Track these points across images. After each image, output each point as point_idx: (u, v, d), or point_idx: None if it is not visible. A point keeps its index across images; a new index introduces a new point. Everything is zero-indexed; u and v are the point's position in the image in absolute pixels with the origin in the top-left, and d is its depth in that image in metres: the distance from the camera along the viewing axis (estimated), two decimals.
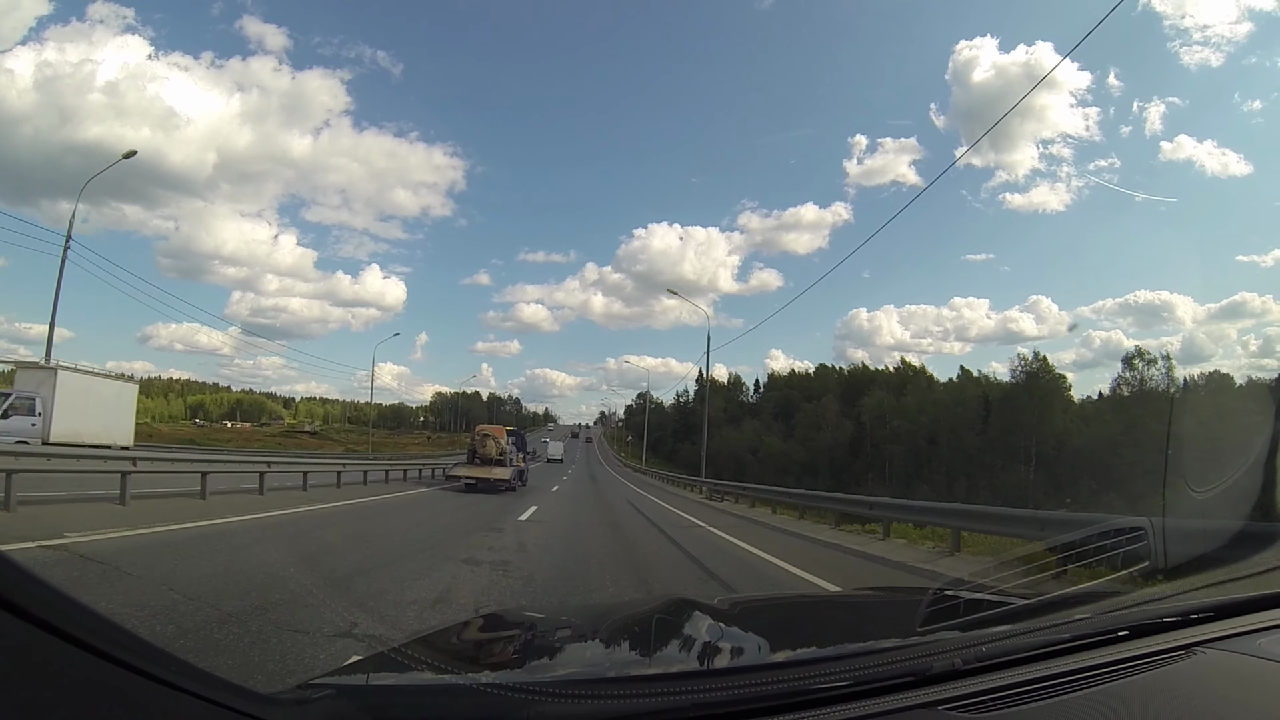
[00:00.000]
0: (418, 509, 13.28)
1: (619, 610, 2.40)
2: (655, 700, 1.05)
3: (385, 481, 19.73)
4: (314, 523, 9.42)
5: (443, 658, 1.44)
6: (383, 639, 3.43)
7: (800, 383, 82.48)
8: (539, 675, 1.40)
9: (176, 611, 3.80)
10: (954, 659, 1.15)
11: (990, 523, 8.29)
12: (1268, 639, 1.30)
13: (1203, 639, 1.31)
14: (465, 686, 1.20)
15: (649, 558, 8.20)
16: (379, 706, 1.04)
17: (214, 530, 7.52)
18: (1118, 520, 2.88)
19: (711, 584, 6.56)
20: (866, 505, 11.93)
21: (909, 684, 1.10)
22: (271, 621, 3.68)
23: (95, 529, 6.53)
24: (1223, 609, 1.45)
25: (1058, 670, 1.17)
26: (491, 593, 5.30)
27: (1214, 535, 4.25)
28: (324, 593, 4.65)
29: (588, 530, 10.87)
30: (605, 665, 1.53)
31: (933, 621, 1.32)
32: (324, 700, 0.99)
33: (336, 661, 2.98)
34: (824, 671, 1.16)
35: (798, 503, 15.30)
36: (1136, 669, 1.19)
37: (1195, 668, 1.22)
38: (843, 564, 8.31)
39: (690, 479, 31.29)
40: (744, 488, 21.47)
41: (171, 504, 9.55)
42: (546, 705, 1.00)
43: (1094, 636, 1.29)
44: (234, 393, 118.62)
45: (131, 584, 4.52)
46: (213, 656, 3.03)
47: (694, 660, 1.49)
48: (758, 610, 2.27)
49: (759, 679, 1.15)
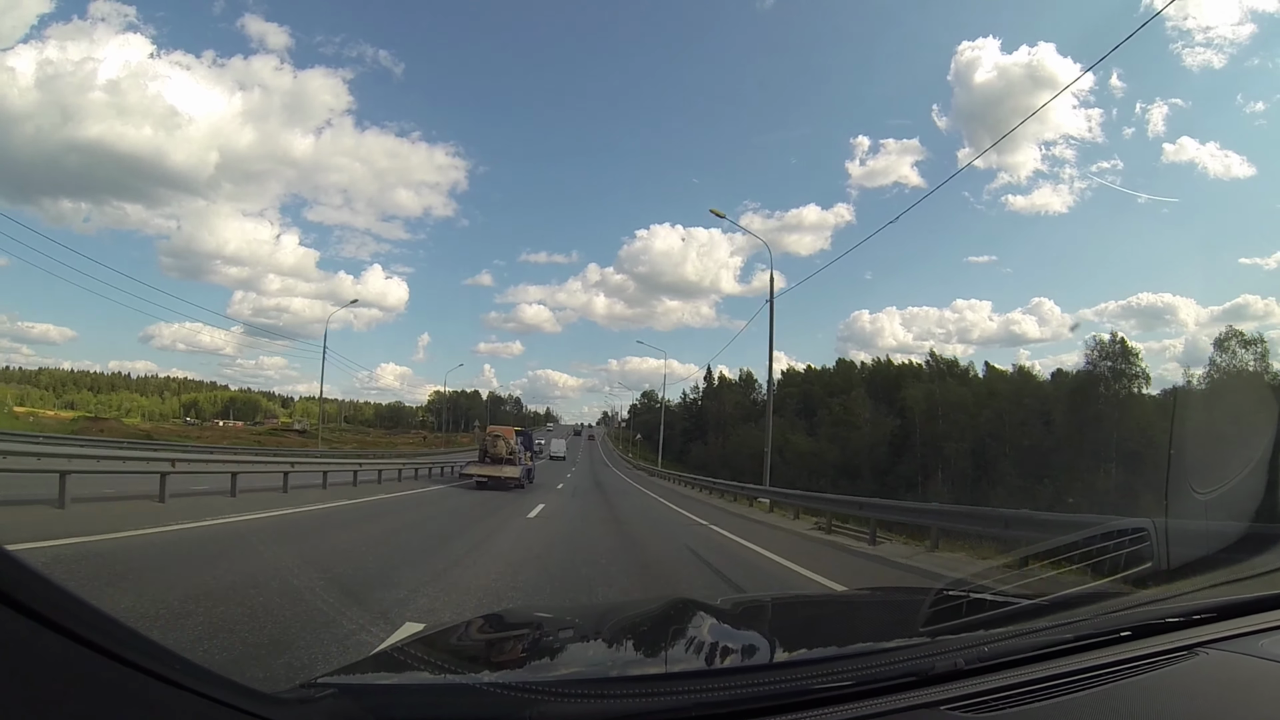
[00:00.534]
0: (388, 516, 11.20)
1: (621, 610, 2.40)
2: (658, 700, 1.05)
3: (378, 481, 18.41)
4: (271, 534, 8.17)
5: (445, 657, 1.44)
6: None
7: (819, 378, 77.87)
8: (541, 675, 1.40)
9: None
10: (957, 659, 1.15)
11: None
12: (1270, 640, 1.30)
13: (1205, 640, 1.30)
14: (468, 686, 1.20)
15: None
16: (382, 706, 1.04)
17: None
18: (1119, 521, 2.87)
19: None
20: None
21: (912, 684, 1.10)
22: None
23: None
24: (1225, 610, 1.45)
25: (1061, 670, 1.17)
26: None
27: (1217, 537, 4.24)
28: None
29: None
30: (608, 665, 1.53)
31: (935, 621, 1.32)
32: (327, 699, 0.99)
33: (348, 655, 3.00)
34: (826, 671, 1.16)
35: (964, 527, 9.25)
36: (1139, 669, 1.19)
37: (1198, 668, 1.22)
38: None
39: (729, 486, 23.09)
40: (855, 502, 12.63)
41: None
42: (549, 705, 1.00)
43: (1097, 637, 1.29)
44: (230, 391, 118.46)
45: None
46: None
47: (696, 660, 1.49)
48: (760, 610, 2.27)
49: (761, 679, 1.15)
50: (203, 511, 8.85)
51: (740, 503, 19.89)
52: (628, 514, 14.89)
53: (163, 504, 9.50)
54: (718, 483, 26.07)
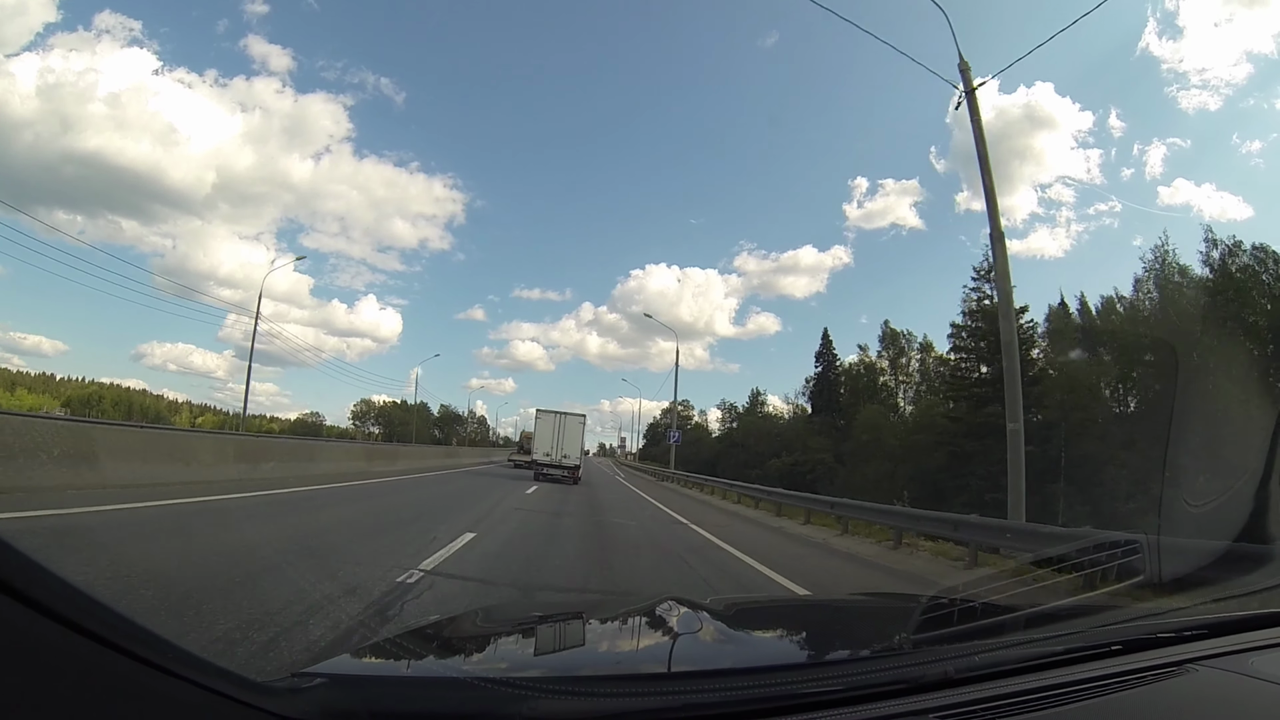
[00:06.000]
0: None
1: (614, 608, 2.41)
2: (647, 700, 1.05)
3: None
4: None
5: (437, 650, 1.45)
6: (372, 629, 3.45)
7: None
8: (532, 670, 1.40)
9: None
10: (946, 668, 1.15)
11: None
12: (1260, 658, 1.30)
13: (1196, 656, 1.30)
14: (459, 679, 1.21)
15: None
16: (373, 697, 1.05)
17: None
18: (1108, 534, 2.89)
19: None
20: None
21: (901, 691, 1.10)
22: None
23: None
24: (1217, 627, 1.45)
25: (1050, 682, 1.17)
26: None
27: (1209, 553, 4.26)
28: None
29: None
30: (599, 663, 1.53)
31: (926, 629, 1.33)
32: (318, 689, 0.99)
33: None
34: (816, 676, 1.16)
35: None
36: (1129, 684, 1.19)
37: (1187, 685, 1.22)
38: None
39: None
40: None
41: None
42: (539, 701, 1.00)
43: (1087, 650, 1.29)
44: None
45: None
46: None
47: (687, 661, 1.50)
48: (751, 612, 2.28)
49: (751, 682, 1.15)
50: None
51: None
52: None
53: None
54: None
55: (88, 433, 8.94)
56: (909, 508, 12.03)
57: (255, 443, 16.32)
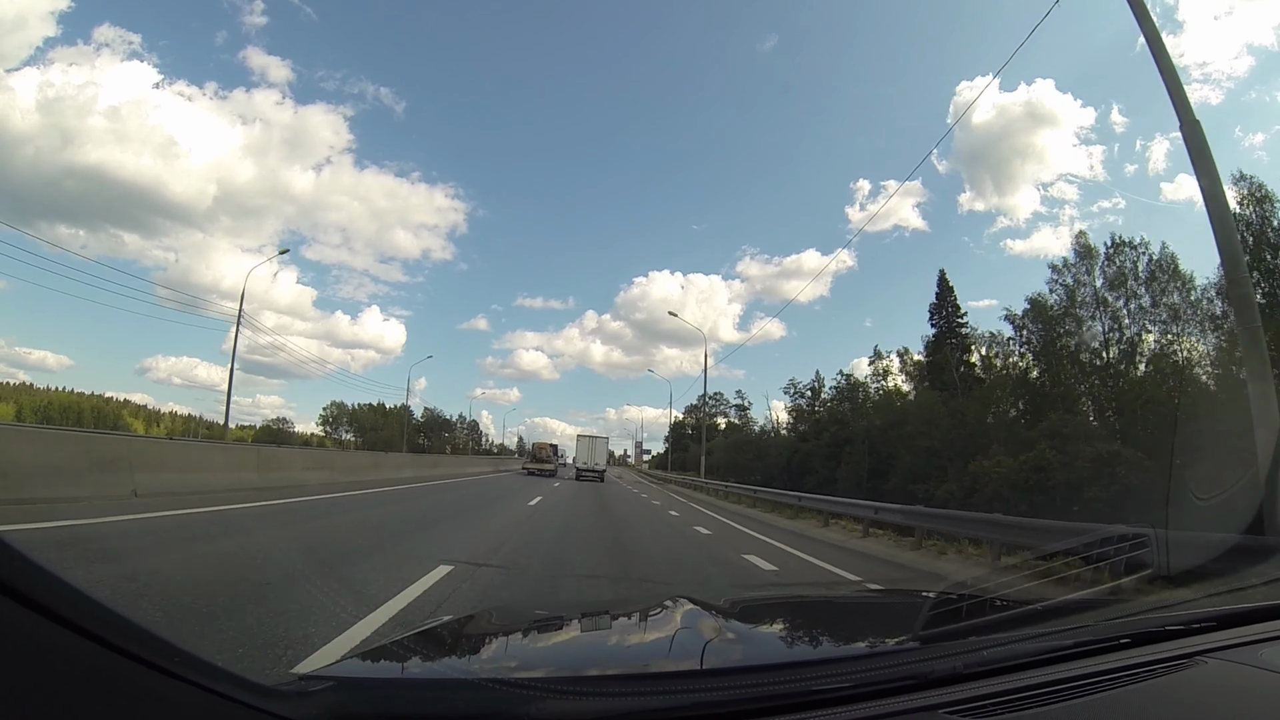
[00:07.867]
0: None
1: (621, 607, 2.40)
2: (657, 699, 1.05)
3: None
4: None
5: (444, 651, 1.45)
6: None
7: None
8: (541, 670, 1.40)
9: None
10: (956, 663, 1.15)
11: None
12: (1270, 650, 1.29)
13: (1205, 648, 1.30)
14: (466, 681, 1.20)
15: None
16: (380, 700, 1.04)
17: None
18: (1117, 528, 2.87)
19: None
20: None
21: (911, 687, 1.10)
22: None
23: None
24: (1225, 619, 1.45)
25: (1060, 676, 1.16)
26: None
27: (1217, 545, 4.25)
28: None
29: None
30: (607, 662, 1.53)
31: (935, 625, 1.32)
32: (325, 692, 0.99)
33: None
34: (826, 673, 1.16)
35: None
36: (1139, 677, 1.18)
37: (1197, 677, 1.21)
38: None
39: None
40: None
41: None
42: (547, 701, 1.00)
43: (1096, 643, 1.29)
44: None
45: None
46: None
47: (695, 659, 1.49)
48: (759, 610, 2.27)
49: (760, 679, 1.14)
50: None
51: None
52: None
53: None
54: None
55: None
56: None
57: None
